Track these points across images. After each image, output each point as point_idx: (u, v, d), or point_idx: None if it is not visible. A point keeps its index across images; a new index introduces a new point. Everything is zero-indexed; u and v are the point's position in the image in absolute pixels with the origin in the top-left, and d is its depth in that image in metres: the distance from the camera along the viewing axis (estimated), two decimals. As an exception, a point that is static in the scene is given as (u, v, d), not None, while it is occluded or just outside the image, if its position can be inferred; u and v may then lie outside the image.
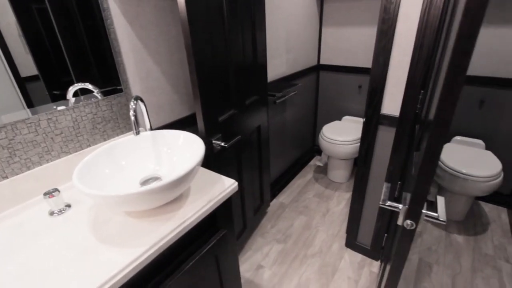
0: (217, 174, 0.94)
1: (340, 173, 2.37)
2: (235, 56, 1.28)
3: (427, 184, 0.66)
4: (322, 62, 2.50)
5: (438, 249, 1.72)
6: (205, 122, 1.14)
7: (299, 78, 2.26)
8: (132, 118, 0.82)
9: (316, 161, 2.76)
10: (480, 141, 1.97)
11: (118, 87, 1.04)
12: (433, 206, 0.74)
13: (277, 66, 1.92)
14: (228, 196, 0.88)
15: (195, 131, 1.41)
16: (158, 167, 0.92)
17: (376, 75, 1.23)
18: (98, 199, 0.66)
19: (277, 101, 1.87)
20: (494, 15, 1.71)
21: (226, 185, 0.88)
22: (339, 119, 2.60)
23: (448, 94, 0.56)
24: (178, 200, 0.82)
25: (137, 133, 0.83)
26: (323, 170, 2.60)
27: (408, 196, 0.75)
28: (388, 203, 0.80)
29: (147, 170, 0.91)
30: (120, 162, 0.88)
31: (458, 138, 2.04)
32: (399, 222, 0.76)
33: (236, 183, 0.91)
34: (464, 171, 1.68)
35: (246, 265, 1.65)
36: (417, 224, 0.74)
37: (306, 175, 2.54)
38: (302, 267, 1.63)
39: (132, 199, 0.67)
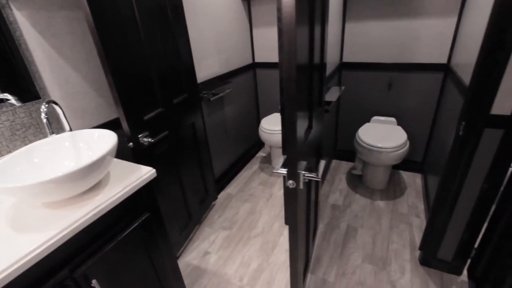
0: (136, 165, 1.04)
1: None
2: (156, 58, 1.39)
3: (293, 149, 0.84)
4: (256, 60, 2.68)
5: (363, 215, 1.97)
6: (129, 122, 1.23)
7: (235, 76, 2.41)
8: (44, 120, 0.89)
9: (260, 153, 2.94)
10: (392, 119, 2.28)
11: (37, 95, 1.09)
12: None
13: (209, 67, 2.06)
14: (146, 181, 0.99)
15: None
16: (76, 163, 1.00)
17: (282, 67, 1.41)
18: (9, 192, 0.74)
19: (211, 98, 2.01)
20: (389, 11, 2.00)
21: (143, 172, 0.99)
22: (278, 112, 2.81)
23: (287, 74, 0.73)
24: (96, 188, 0.91)
25: (51, 133, 0.91)
26: (268, 160, 2.78)
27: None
28: (280, 170, 0.97)
29: (66, 167, 0.98)
30: (39, 163, 0.95)
31: (378, 118, 2.34)
32: (285, 184, 0.93)
33: (154, 170, 1.02)
34: (379, 145, 1.95)
35: (194, 253, 1.75)
36: (297, 183, 0.92)
37: (252, 167, 2.70)
38: (245, 247, 1.78)
39: (44, 188, 0.75)
